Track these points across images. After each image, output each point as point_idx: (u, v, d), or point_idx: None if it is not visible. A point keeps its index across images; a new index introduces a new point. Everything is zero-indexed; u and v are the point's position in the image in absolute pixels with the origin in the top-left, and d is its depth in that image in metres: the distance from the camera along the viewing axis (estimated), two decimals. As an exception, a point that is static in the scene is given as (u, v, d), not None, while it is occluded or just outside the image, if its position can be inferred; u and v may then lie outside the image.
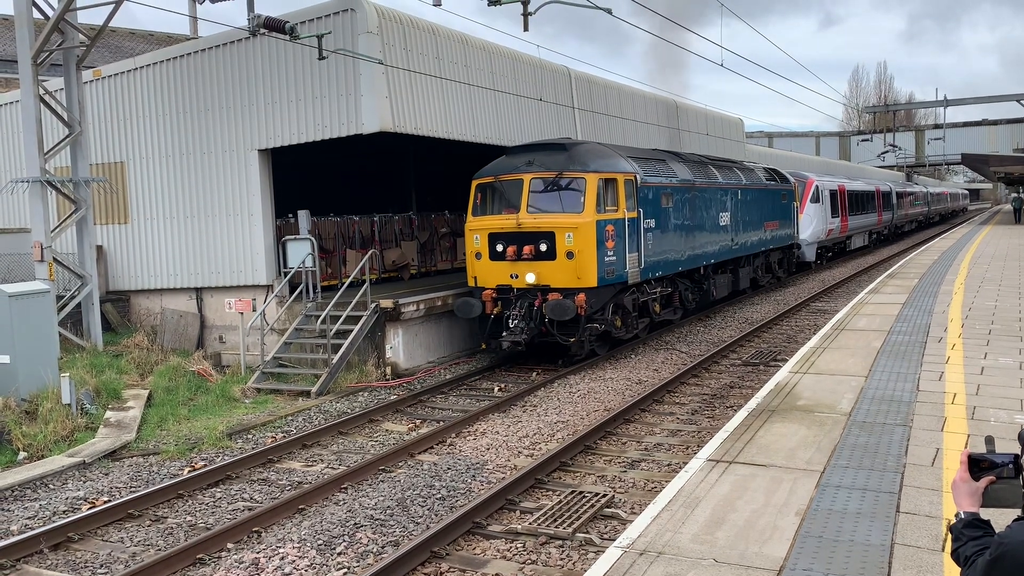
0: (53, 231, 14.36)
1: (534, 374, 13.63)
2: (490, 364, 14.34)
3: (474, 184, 14.40)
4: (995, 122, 58.93)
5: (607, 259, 13.57)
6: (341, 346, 13.29)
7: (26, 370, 11.25)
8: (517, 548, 6.81)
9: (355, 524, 7.43)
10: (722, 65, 20.67)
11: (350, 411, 11.79)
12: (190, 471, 9.29)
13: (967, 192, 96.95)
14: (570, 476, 8.66)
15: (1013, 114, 52.79)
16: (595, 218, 13.38)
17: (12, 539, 7.35)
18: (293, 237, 14.86)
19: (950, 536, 2.41)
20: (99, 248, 16.20)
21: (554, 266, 13.30)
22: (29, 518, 8.08)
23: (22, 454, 10.08)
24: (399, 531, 7.29)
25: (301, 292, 14.37)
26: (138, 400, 12.01)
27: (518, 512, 7.64)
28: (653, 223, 15.12)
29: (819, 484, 5.92)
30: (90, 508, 8.19)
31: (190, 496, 8.54)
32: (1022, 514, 2.23)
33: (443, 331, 15.32)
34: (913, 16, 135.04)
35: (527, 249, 13.35)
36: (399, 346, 14.22)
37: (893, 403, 7.96)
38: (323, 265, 15.90)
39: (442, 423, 10.87)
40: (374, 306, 13.83)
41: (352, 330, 13.53)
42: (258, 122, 14.69)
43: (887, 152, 54.15)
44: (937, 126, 58.74)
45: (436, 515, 7.62)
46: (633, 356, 14.80)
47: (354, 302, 13.76)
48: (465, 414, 11.12)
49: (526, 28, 12.15)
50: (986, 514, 2.37)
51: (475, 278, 14.14)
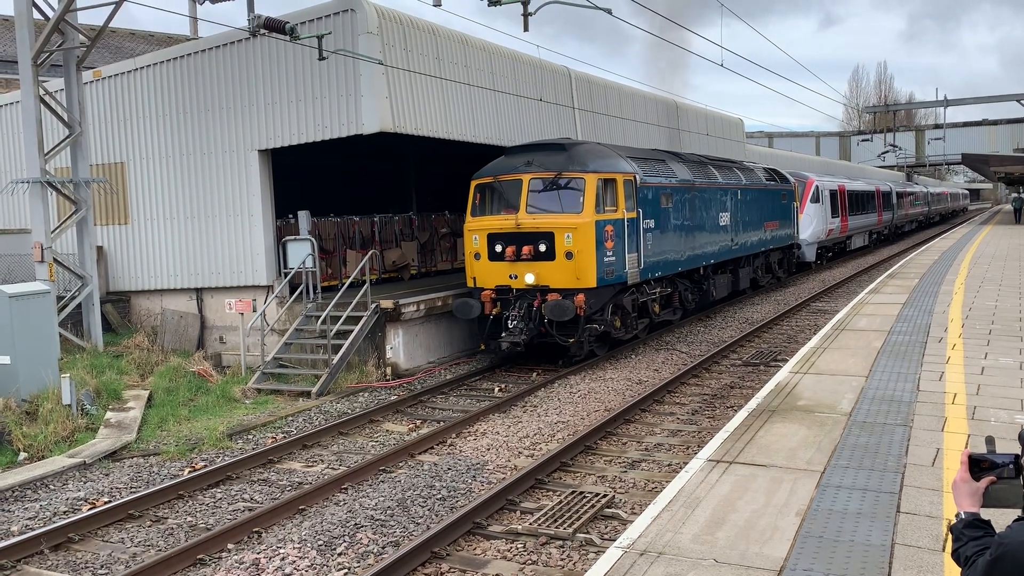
0: (53, 232, 14.37)
1: (534, 374, 13.63)
2: (490, 364, 14.33)
3: (473, 184, 14.38)
4: (995, 122, 58.95)
5: (606, 259, 13.56)
6: (341, 346, 13.29)
7: (26, 371, 11.26)
8: (518, 548, 6.81)
9: (355, 524, 7.43)
10: (722, 65, 20.68)
11: (350, 411, 11.80)
12: (190, 472, 9.30)
13: (967, 192, 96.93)
14: (570, 476, 8.67)
15: (1013, 114, 52.80)
16: (594, 218, 13.37)
17: (13, 539, 7.36)
18: (293, 238, 14.87)
19: (950, 536, 2.41)
20: (99, 249, 16.20)
21: (553, 266, 13.29)
22: (30, 518, 8.09)
23: (23, 455, 10.09)
24: (399, 531, 7.29)
25: (301, 292, 14.38)
26: (138, 401, 12.01)
27: (518, 512, 7.64)
28: (652, 223, 15.12)
29: (819, 484, 5.92)
30: (90, 509, 8.19)
31: (190, 497, 8.54)
32: (1022, 514, 2.23)
33: (443, 331, 15.32)
34: (913, 16, 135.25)
35: (526, 249, 13.33)
36: (399, 346, 14.23)
37: (893, 403, 7.96)
38: (323, 266, 15.90)
39: (442, 423, 10.87)
40: (374, 306, 13.84)
41: (352, 330, 13.53)
42: (258, 122, 14.70)
43: (887, 152, 54.14)
44: (937, 126, 58.74)
45: (437, 515, 7.62)
46: (633, 356, 14.80)
47: (354, 302, 13.76)
48: (465, 414, 11.13)
49: (526, 28, 12.14)
50: (987, 514, 2.37)
51: (474, 279, 14.12)
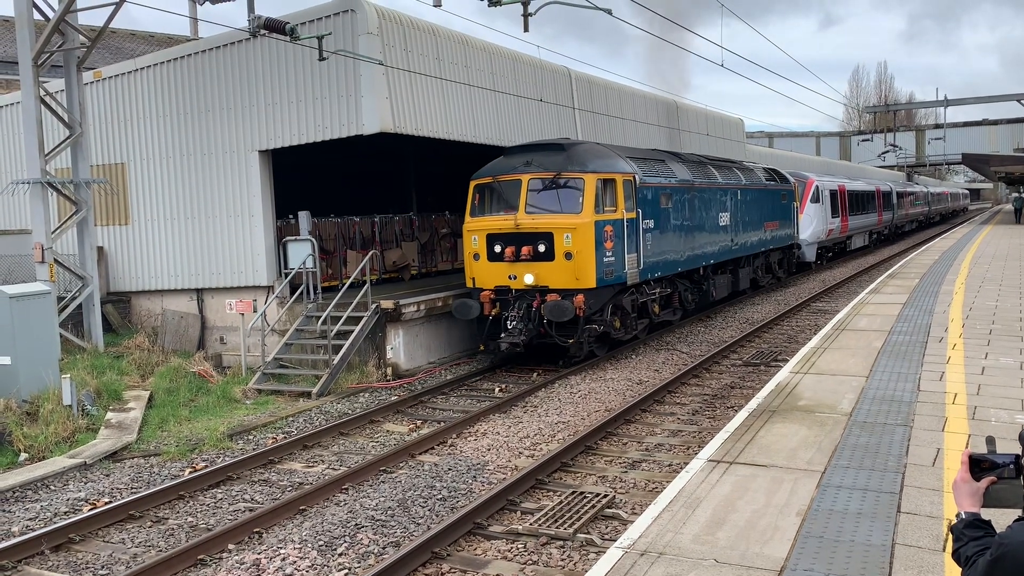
0: (54, 232, 14.37)
1: (535, 375, 13.63)
2: (491, 365, 14.33)
3: (472, 184, 14.37)
4: (995, 122, 58.95)
5: (606, 260, 13.55)
6: (342, 347, 13.30)
7: (27, 371, 11.26)
8: (518, 549, 6.81)
9: (356, 525, 7.43)
10: (722, 65, 20.67)
11: (351, 412, 11.80)
12: (191, 472, 9.30)
13: (967, 192, 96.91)
14: (571, 477, 8.67)
15: (1013, 114, 52.79)
16: (593, 219, 13.35)
17: (13, 540, 7.36)
18: (294, 238, 14.87)
19: (951, 536, 2.41)
20: (100, 249, 16.21)
21: (552, 267, 13.27)
22: (30, 519, 8.09)
23: (23, 455, 10.09)
24: (400, 532, 7.29)
25: (302, 293, 14.38)
26: (139, 401, 12.02)
27: (519, 513, 7.64)
28: (652, 223, 15.11)
29: (820, 484, 5.92)
30: (91, 509, 8.20)
31: (191, 497, 8.55)
32: (1023, 514, 2.23)
33: (444, 332, 15.32)
34: (913, 16, 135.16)
35: (525, 250, 13.31)
36: (400, 347, 14.23)
37: (894, 403, 7.96)
38: (324, 266, 15.90)
39: (443, 424, 10.88)
40: (375, 307, 13.84)
41: (353, 331, 13.53)
42: (259, 123, 14.70)
43: (887, 152, 54.10)
44: (937, 126, 58.72)
45: (437, 516, 7.62)
46: (634, 356, 14.80)
47: (355, 303, 13.76)
48: (466, 415, 11.13)
49: (526, 29, 12.14)
50: (987, 514, 2.37)
51: (473, 279, 14.11)
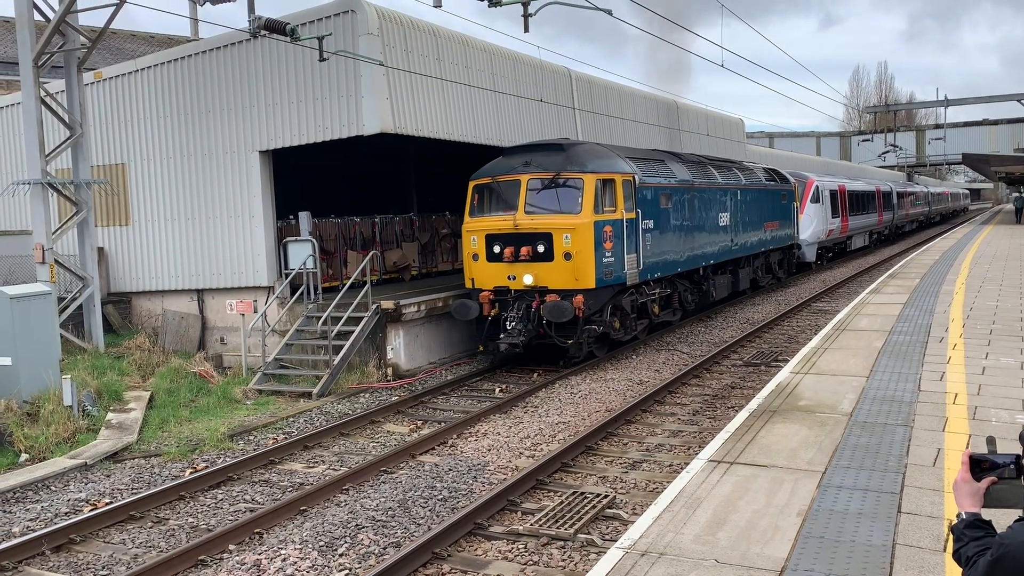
0: (54, 233, 14.38)
1: (535, 375, 13.62)
2: (491, 365, 14.33)
3: (471, 185, 14.35)
4: (996, 122, 58.96)
5: (605, 260, 13.53)
6: (342, 347, 13.30)
7: (28, 372, 11.26)
8: (519, 549, 6.81)
9: (357, 525, 7.44)
10: (722, 66, 20.64)
11: (351, 412, 11.80)
12: (192, 473, 9.30)
13: (968, 192, 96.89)
14: (571, 477, 8.67)
15: (1014, 114, 52.81)
16: (593, 219, 13.33)
17: (14, 541, 7.37)
18: (294, 238, 14.87)
19: (952, 536, 2.41)
20: (100, 250, 16.21)
21: (552, 267, 13.25)
22: (31, 520, 8.09)
23: (24, 456, 10.09)
24: (401, 532, 7.29)
25: (302, 293, 14.38)
26: (139, 402, 12.02)
27: (520, 513, 7.65)
28: (652, 224, 15.10)
29: (820, 485, 5.92)
30: (92, 510, 8.20)
31: (192, 498, 8.55)
32: (1023, 515, 2.23)
33: (444, 332, 15.33)
34: (913, 16, 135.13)
35: (524, 250, 13.28)
36: (400, 347, 14.23)
37: (894, 403, 7.96)
38: (324, 266, 15.90)
39: (443, 424, 10.88)
40: (375, 307, 13.84)
41: (353, 331, 13.53)
42: (259, 124, 14.71)
43: (888, 152, 54.07)
44: (938, 126, 58.71)
45: (438, 516, 7.62)
46: (634, 357, 14.80)
47: (355, 303, 13.76)
48: (466, 415, 11.13)
49: (526, 29, 12.12)
50: (988, 514, 2.37)
51: (472, 280, 14.08)
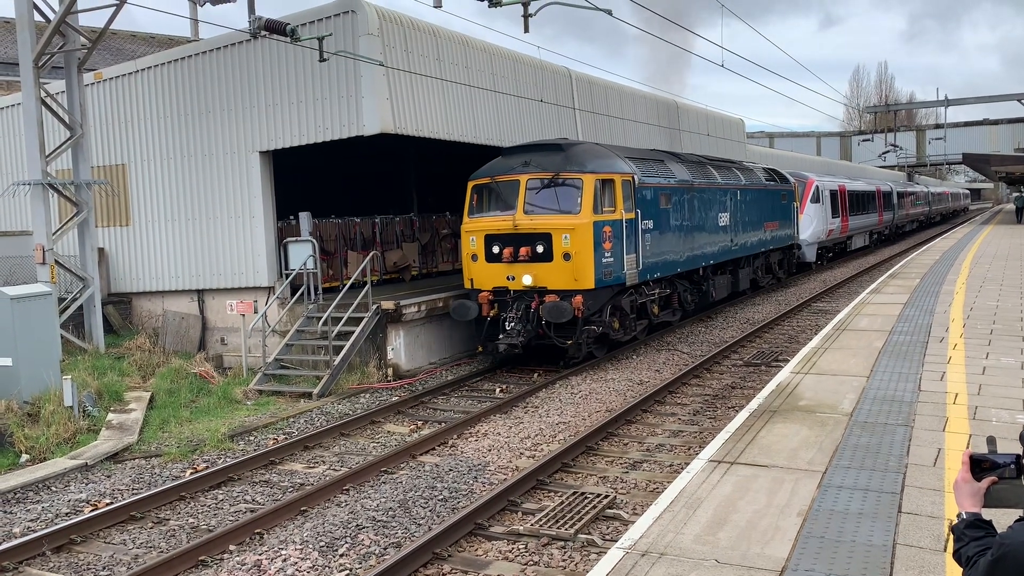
0: (55, 233, 14.38)
1: (535, 375, 13.62)
2: (491, 365, 14.33)
3: (470, 185, 14.34)
4: (996, 122, 58.95)
5: (604, 260, 13.52)
6: (343, 348, 13.30)
7: (28, 372, 11.26)
8: (519, 549, 6.82)
9: (357, 525, 7.44)
10: (722, 66, 20.63)
11: (352, 413, 11.80)
12: (192, 473, 9.30)
13: (968, 192, 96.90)
14: (572, 477, 8.67)
15: (1014, 113, 52.82)
16: (592, 219, 13.31)
17: (15, 541, 7.37)
18: (294, 239, 14.87)
19: (952, 536, 2.41)
20: (101, 250, 16.21)
21: (551, 268, 13.23)
22: (31, 520, 8.09)
23: (24, 456, 10.10)
24: (401, 532, 7.30)
25: (302, 294, 14.38)
26: (140, 402, 12.02)
27: (520, 513, 7.65)
28: (651, 224, 15.09)
29: (821, 485, 5.92)
30: (92, 510, 8.20)
31: (192, 498, 8.55)
32: (1024, 514, 2.23)
33: (444, 332, 15.33)
34: (913, 16, 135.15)
35: (523, 251, 13.26)
36: (400, 347, 14.23)
37: (895, 403, 7.96)
38: (324, 267, 15.90)
39: (444, 424, 10.88)
40: (375, 307, 13.84)
41: (354, 332, 13.53)
42: (259, 124, 14.71)
43: (888, 152, 54.05)
44: (938, 126, 58.74)
45: (438, 516, 7.62)
46: (635, 357, 14.80)
47: (355, 304, 13.76)
48: (467, 415, 11.13)
49: (526, 29, 12.12)
50: (988, 514, 2.37)
51: (471, 280, 14.07)
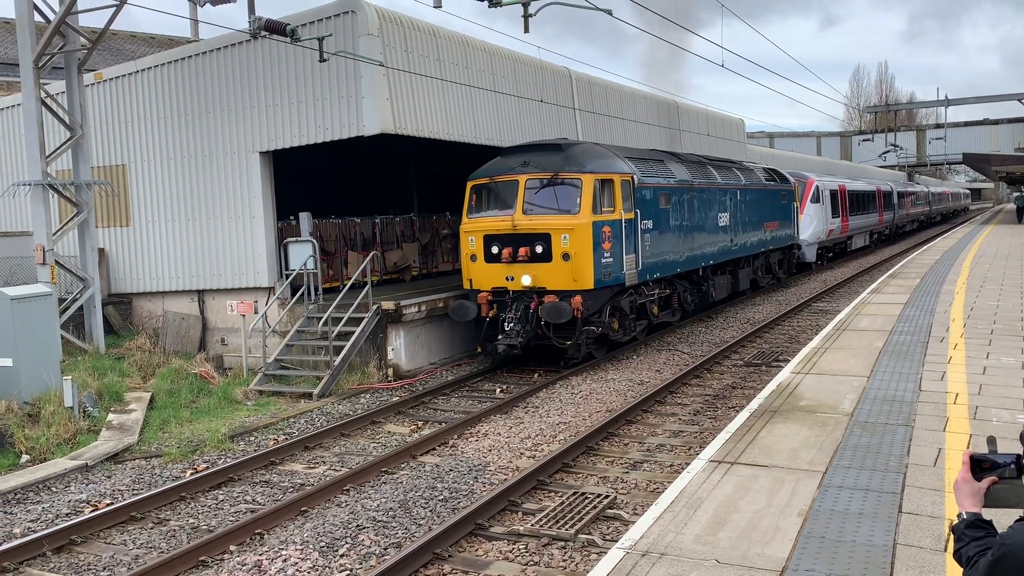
0: (55, 234, 14.38)
1: (536, 375, 13.61)
2: (492, 365, 14.32)
3: (469, 185, 14.32)
4: (996, 121, 58.93)
5: (604, 261, 13.50)
6: (343, 348, 13.30)
7: (28, 373, 11.27)
8: (519, 549, 6.81)
9: (357, 526, 7.44)
10: (723, 66, 20.63)
11: (352, 413, 11.80)
12: (192, 473, 9.30)
13: (969, 192, 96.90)
14: (572, 477, 8.67)
15: (1014, 113, 52.81)
16: (591, 219, 13.29)
17: (15, 542, 7.37)
18: (295, 239, 14.87)
19: (952, 536, 2.41)
20: (101, 251, 16.21)
21: (550, 268, 13.21)
22: (32, 521, 8.09)
23: (25, 457, 10.10)
24: (401, 533, 7.30)
25: (303, 294, 14.38)
26: (140, 403, 12.02)
27: (520, 513, 7.65)
28: (651, 224, 15.08)
29: (821, 485, 5.92)
30: (93, 511, 8.20)
31: (192, 498, 8.55)
32: (1024, 514, 2.23)
33: (445, 332, 15.32)
34: (914, 16, 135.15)
35: (523, 251, 13.24)
36: (401, 348, 14.23)
37: (895, 403, 7.96)
38: (324, 267, 15.90)
39: (444, 424, 10.88)
40: (376, 308, 13.84)
41: (354, 332, 13.53)
42: (259, 124, 14.71)
43: (888, 152, 54.04)
44: (938, 126, 58.72)
45: (438, 516, 7.62)
46: (635, 357, 14.79)
47: (356, 304, 13.76)
48: (467, 415, 11.13)
49: (526, 29, 12.12)
50: (988, 514, 2.37)
51: (470, 280, 14.05)
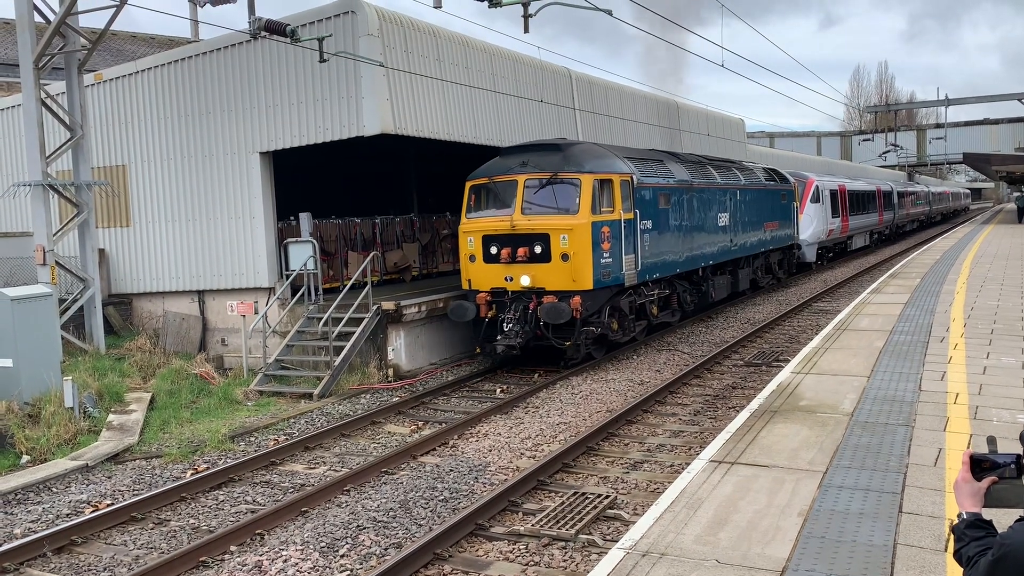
0: (55, 234, 14.38)
1: (536, 375, 13.61)
2: (492, 366, 14.31)
3: (468, 185, 14.30)
4: (996, 121, 58.93)
5: (603, 261, 13.49)
6: (343, 348, 13.30)
7: (29, 373, 11.27)
8: (520, 550, 6.81)
9: (358, 526, 7.44)
10: (723, 66, 20.63)
11: (352, 413, 11.80)
12: (193, 474, 9.30)
13: (969, 191, 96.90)
14: (572, 477, 8.67)
15: (1014, 113, 52.81)
16: (590, 219, 13.26)
17: (16, 542, 7.37)
18: (295, 239, 14.88)
19: (953, 536, 2.41)
20: (101, 251, 16.22)
21: (549, 268, 13.19)
22: (32, 521, 8.10)
23: (25, 457, 10.10)
24: (402, 533, 7.30)
25: (303, 294, 14.38)
26: (141, 403, 12.02)
27: (521, 514, 7.64)
28: (650, 224, 15.07)
29: (821, 485, 5.92)
30: (93, 511, 8.20)
31: (193, 499, 8.55)
32: (1024, 514, 2.23)
33: (445, 333, 15.32)
34: (914, 16, 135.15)
35: (521, 251, 13.22)
36: (401, 348, 14.23)
37: (895, 403, 7.96)
38: (325, 267, 15.90)
39: (444, 425, 10.88)
40: (376, 308, 13.84)
41: (354, 332, 13.54)
42: (259, 125, 14.71)
43: (888, 152, 54.04)
44: (938, 125, 58.73)
45: (439, 517, 7.62)
46: (635, 357, 14.79)
47: (356, 304, 13.76)
48: (467, 416, 11.13)
49: (526, 30, 12.11)
50: (988, 514, 2.38)
51: (469, 281, 14.02)
